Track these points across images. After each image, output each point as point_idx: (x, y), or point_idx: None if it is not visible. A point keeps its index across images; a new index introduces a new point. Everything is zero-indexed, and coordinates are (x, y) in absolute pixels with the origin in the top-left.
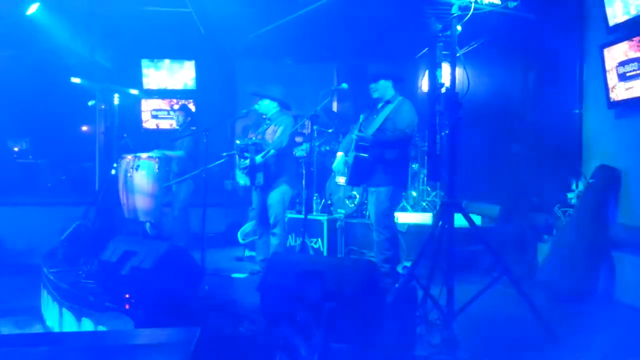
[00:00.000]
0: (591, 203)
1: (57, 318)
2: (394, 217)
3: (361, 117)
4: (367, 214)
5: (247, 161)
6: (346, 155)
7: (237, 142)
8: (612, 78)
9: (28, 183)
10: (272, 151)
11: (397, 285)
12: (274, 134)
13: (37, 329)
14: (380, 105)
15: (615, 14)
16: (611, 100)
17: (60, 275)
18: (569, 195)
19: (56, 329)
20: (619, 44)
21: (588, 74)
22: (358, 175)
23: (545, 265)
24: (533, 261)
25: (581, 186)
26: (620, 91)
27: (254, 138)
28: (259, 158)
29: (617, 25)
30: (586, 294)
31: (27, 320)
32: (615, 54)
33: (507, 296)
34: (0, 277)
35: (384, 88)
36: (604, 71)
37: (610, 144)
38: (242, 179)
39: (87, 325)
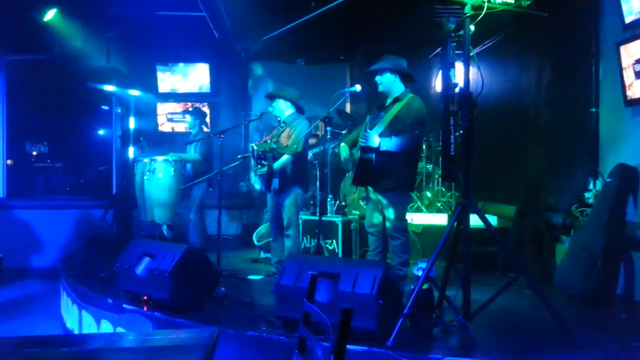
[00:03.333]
0: (609, 202)
1: (76, 320)
2: (406, 220)
3: (367, 117)
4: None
5: (265, 169)
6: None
7: (253, 146)
8: (628, 76)
9: (46, 186)
10: (289, 157)
11: (412, 286)
12: (288, 137)
13: (56, 330)
14: (388, 102)
15: (632, 11)
16: (628, 99)
17: (80, 277)
18: (587, 195)
19: (76, 331)
20: (635, 41)
21: (604, 72)
22: (363, 176)
23: (562, 265)
24: (550, 262)
25: (599, 185)
26: (637, 89)
27: (269, 141)
28: (276, 165)
29: (633, 22)
30: (605, 295)
31: (47, 322)
32: (631, 51)
33: (525, 297)
34: (20, 279)
35: (389, 82)
36: (620, 69)
37: (628, 142)
38: (257, 184)
39: (106, 327)
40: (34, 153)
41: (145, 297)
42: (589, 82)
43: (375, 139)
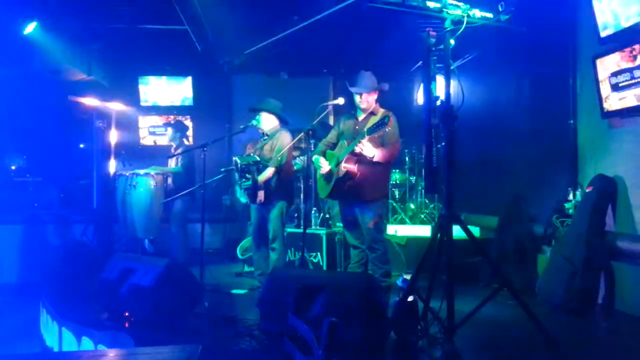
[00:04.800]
0: (588, 213)
1: (56, 337)
2: (384, 230)
3: (335, 130)
4: (342, 231)
5: (250, 182)
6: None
7: (237, 159)
8: (605, 88)
9: (25, 201)
10: (273, 169)
11: (397, 298)
12: (272, 150)
13: (36, 348)
14: (361, 116)
15: (607, 25)
16: (605, 111)
17: (60, 293)
18: (567, 205)
19: (56, 349)
20: (611, 54)
21: (581, 85)
22: (343, 188)
23: (544, 275)
24: (532, 272)
25: (578, 196)
26: (613, 101)
27: (252, 154)
28: (260, 177)
29: (608, 37)
30: (586, 304)
31: (26, 340)
32: (607, 65)
33: (508, 308)
34: None
35: (372, 100)
36: (596, 82)
37: (605, 153)
38: (243, 197)
39: (87, 344)
40: (13, 167)
41: (126, 313)
42: (566, 95)
43: (371, 150)
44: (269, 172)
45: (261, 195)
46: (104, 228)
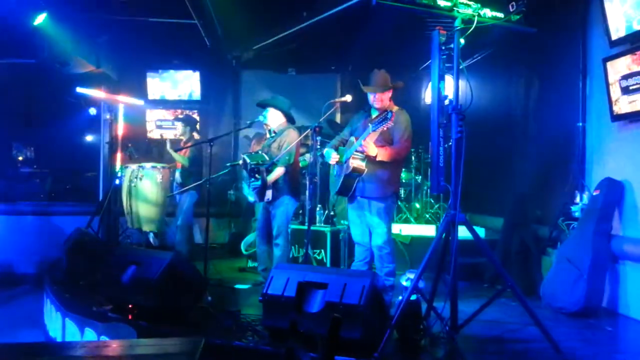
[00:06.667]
0: (595, 216)
1: (59, 328)
2: (391, 229)
3: (348, 127)
4: (347, 229)
5: (259, 182)
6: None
7: (246, 157)
8: (615, 91)
9: (32, 192)
10: (282, 169)
11: (400, 297)
12: (279, 148)
13: (39, 338)
14: (375, 113)
15: (618, 28)
16: (614, 114)
17: (64, 285)
18: (573, 208)
19: (59, 339)
20: (621, 57)
21: (591, 87)
22: (351, 186)
23: (549, 278)
24: (537, 274)
25: (585, 199)
26: (623, 104)
27: (259, 152)
28: (270, 177)
29: (620, 39)
30: (590, 307)
31: (30, 330)
32: (618, 68)
33: (511, 309)
34: (2, 286)
35: (387, 98)
36: (607, 84)
37: (614, 157)
38: (251, 196)
39: (90, 335)
40: (20, 158)
41: (130, 306)
42: (576, 97)
43: (373, 149)
44: (278, 171)
45: (269, 194)
46: (109, 221)
